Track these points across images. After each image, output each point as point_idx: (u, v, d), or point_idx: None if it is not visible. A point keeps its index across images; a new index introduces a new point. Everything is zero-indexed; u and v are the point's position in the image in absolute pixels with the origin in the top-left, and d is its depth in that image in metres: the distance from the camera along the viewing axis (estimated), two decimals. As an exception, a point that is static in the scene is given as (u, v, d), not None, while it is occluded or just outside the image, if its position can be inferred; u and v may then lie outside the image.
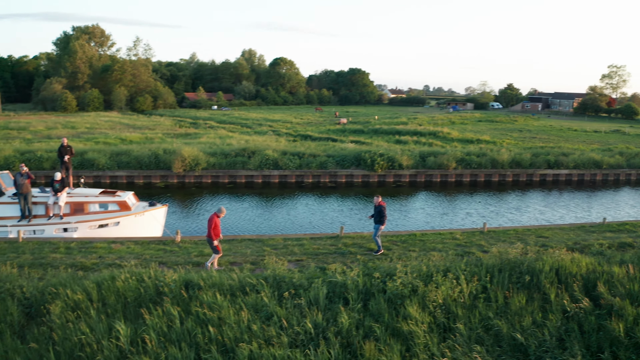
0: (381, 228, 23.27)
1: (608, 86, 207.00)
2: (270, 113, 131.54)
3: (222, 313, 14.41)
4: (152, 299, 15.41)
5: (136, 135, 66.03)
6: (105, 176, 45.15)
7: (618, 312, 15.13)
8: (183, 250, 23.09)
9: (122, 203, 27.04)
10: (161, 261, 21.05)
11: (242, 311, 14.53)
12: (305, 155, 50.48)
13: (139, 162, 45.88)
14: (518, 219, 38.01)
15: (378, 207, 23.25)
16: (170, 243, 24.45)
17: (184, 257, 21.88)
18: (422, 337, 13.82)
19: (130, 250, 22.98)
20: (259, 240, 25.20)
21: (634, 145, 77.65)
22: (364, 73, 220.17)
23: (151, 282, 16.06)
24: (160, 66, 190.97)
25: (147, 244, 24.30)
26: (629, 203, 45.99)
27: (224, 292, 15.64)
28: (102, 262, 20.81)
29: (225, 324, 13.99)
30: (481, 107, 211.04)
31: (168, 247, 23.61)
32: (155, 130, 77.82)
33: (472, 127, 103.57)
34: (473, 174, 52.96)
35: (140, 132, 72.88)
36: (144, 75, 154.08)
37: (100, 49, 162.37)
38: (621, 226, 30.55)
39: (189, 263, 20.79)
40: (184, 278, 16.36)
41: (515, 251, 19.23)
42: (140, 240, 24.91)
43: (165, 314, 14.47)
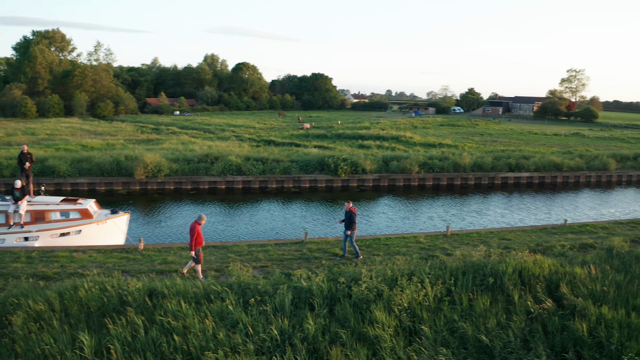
0: (349, 233, 23.29)
1: (567, 90, 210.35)
2: (233, 118, 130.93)
3: (187, 321, 14.26)
4: (116, 309, 15.20)
5: (97, 141, 65.26)
6: (66, 183, 44.48)
7: (581, 313, 15.37)
8: (146, 258, 22.83)
9: (84, 211, 26.66)
10: (124, 270, 20.77)
11: (207, 319, 14.40)
12: (269, 160, 50.39)
13: (101, 168, 45.32)
14: (481, 222, 38.40)
15: (349, 213, 23.30)
16: (133, 251, 24.15)
17: (148, 265, 21.63)
18: (388, 341, 13.86)
19: (92, 259, 22.64)
20: (223, 247, 25.02)
21: (593, 147, 79.00)
22: (326, 78, 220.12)
23: (114, 291, 15.83)
24: (121, 71, 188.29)
25: (109, 252, 23.96)
26: (589, 205, 46.75)
27: (189, 300, 15.48)
28: (64, 271, 20.46)
29: (190, 332, 13.85)
30: (443, 112, 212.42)
31: (131, 255, 23.31)
32: (116, 136, 77.04)
33: (434, 131, 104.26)
34: (436, 177, 53.29)
35: (101, 138, 72.07)
36: (105, 80, 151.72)
37: (60, 54, 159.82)
38: (582, 227, 31.05)
39: (152, 271, 20.52)
40: (148, 286, 16.17)
41: (478, 254, 19.44)
42: (102, 249, 24.56)
43: (129, 324, 14.26)
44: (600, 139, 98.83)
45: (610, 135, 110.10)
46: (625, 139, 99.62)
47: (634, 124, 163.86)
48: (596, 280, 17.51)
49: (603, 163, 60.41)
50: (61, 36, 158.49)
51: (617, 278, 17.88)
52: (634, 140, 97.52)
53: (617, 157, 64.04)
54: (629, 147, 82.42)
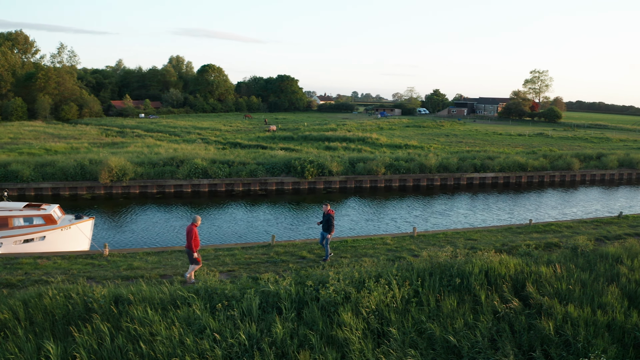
0: (329, 236, 23.33)
1: (531, 91, 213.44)
2: (198, 121, 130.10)
3: (154, 328, 14.11)
4: (81, 316, 14.99)
5: (61, 145, 64.23)
6: (29, 188, 43.74)
7: (547, 311, 15.57)
8: (112, 264, 22.54)
9: (48, 216, 26.28)
10: (89, 276, 20.49)
11: (174, 325, 14.26)
12: (235, 163, 50.12)
13: (65, 173, 44.55)
14: (447, 223, 38.60)
15: (326, 216, 23.33)
16: (99, 257, 23.84)
17: (113, 272, 21.34)
18: (356, 344, 13.86)
19: (57, 265, 22.30)
20: (190, 252, 24.74)
21: (557, 147, 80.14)
22: (292, 80, 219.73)
23: (79, 298, 15.62)
24: (85, 74, 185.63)
25: (74, 258, 23.64)
26: (553, 204, 47.32)
27: (155, 307, 15.32)
28: (28, 278, 20.10)
29: (157, 339, 13.70)
30: (409, 113, 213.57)
31: (96, 262, 23.01)
32: (81, 139, 75.76)
33: (400, 132, 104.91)
34: (402, 178, 53.53)
35: (65, 141, 70.91)
36: (68, 83, 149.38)
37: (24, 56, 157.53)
38: (547, 227, 31.45)
39: (118, 277, 20.26)
40: (114, 293, 15.97)
41: (445, 254, 19.54)
42: (67, 255, 24.21)
43: (95, 331, 14.06)
44: (564, 139, 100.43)
45: (573, 135, 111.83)
46: (588, 139, 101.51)
47: (597, 123, 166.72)
48: (562, 279, 17.73)
49: (567, 163, 61.26)
50: (24, 38, 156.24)
51: (582, 277, 18.14)
52: (597, 140, 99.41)
53: (580, 157, 65.11)
54: (592, 147, 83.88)
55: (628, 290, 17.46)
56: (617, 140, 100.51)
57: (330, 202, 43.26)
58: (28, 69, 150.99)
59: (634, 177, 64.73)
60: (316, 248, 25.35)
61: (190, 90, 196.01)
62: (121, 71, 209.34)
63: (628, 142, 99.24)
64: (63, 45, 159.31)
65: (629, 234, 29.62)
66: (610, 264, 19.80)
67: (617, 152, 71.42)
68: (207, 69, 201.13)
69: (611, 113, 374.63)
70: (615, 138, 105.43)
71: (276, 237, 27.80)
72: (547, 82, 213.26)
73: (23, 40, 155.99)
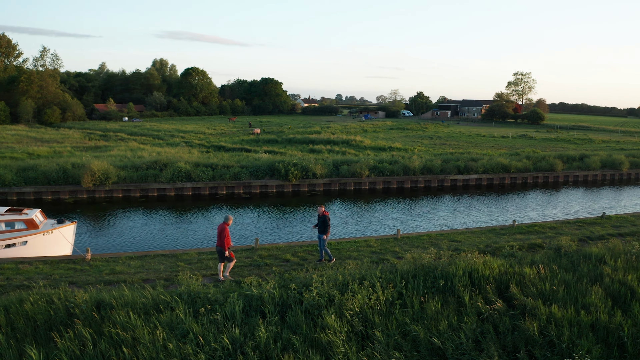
0: (325, 237, 23.38)
1: (514, 93, 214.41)
2: (182, 124, 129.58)
3: (136, 333, 14.01)
4: (63, 321, 14.87)
5: (44, 149, 63.66)
6: (12, 193, 43.28)
7: (531, 312, 15.66)
8: (94, 269, 22.35)
9: (30, 221, 26.08)
10: (71, 281, 20.32)
11: (156, 330, 14.17)
12: (219, 166, 49.94)
13: (47, 177, 44.19)
14: (431, 224, 38.66)
15: (322, 217, 23.40)
16: (81, 262, 23.64)
17: (95, 276, 21.17)
18: (340, 347, 13.83)
19: (39, 270, 22.10)
20: (173, 256, 24.71)
21: (540, 149, 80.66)
22: (276, 83, 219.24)
23: (61, 303, 15.50)
24: (68, 77, 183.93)
25: (56, 263, 23.42)
26: (536, 205, 47.54)
27: (138, 311, 15.24)
28: (9, 284, 19.91)
29: (140, 343, 13.62)
30: (393, 115, 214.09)
31: (78, 266, 22.82)
32: (64, 143, 75.32)
33: (384, 135, 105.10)
34: (386, 181, 53.60)
35: (48, 145, 70.30)
36: (51, 86, 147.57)
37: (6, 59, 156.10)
38: (530, 228, 31.64)
39: (100, 282, 20.11)
40: (96, 298, 15.88)
41: (428, 256, 19.57)
42: (49, 260, 24.00)
43: (77, 337, 13.95)
44: (547, 140, 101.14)
45: (556, 136, 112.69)
46: (571, 140, 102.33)
47: (580, 125, 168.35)
48: (545, 280, 17.83)
49: (550, 164, 61.72)
50: (7, 41, 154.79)
51: (565, 277, 18.24)
52: (579, 141, 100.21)
53: (563, 158, 65.65)
54: (575, 148, 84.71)
55: (612, 290, 17.59)
56: (599, 142, 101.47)
57: (315, 205, 43.35)
58: (10, 72, 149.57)
59: (617, 178, 65.44)
60: (300, 251, 25.32)
61: (174, 94, 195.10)
62: (104, 74, 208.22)
63: (610, 143, 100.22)
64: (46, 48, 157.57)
65: (612, 234, 29.89)
66: (593, 264, 19.97)
67: (599, 153, 72.15)
68: (190, 72, 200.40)
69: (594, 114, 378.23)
70: (598, 139, 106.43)
71: (260, 240, 27.79)
72: (530, 84, 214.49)
73: (5, 43, 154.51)
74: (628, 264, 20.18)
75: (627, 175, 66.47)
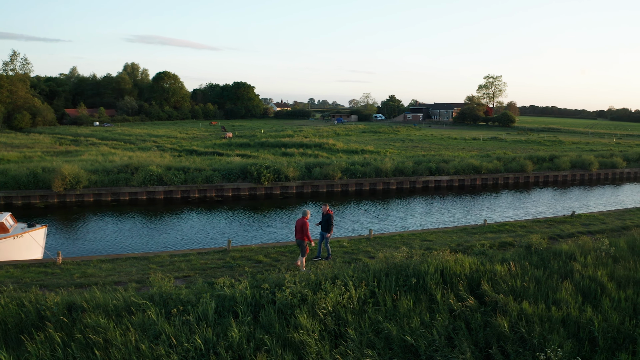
0: (328, 235, 23.98)
1: (485, 96, 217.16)
2: (154, 128, 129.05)
3: (108, 335, 13.88)
4: (34, 324, 14.75)
5: (14, 154, 62.86)
6: (-20, 198, 42.78)
7: (502, 309, 15.80)
8: (65, 272, 22.23)
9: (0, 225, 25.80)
10: (42, 284, 20.18)
11: (129, 332, 14.04)
12: (191, 169, 49.78)
13: (17, 181, 43.68)
14: (403, 225, 38.94)
15: (326, 216, 23.95)
16: (52, 265, 23.47)
17: (67, 279, 21.06)
18: (313, 346, 13.83)
19: (9, 274, 21.92)
20: (144, 258, 24.64)
21: (510, 150, 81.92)
22: (249, 87, 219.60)
23: (32, 306, 15.37)
24: (38, 82, 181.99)
25: (26, 267, 23.26)
26: (507, 205, 48.15)
27: (109, 313, 15.12)
28: (-21, 288, 19.66)
29: (112, 345, 13.51)
30: (365, 119, 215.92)
31: (49, 270, 22.67)
32: (34, 148, 74.34)
33: (357, 138, 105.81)
34: (358, 183, 53.84)
35: (18, 150, 69.58)
36: (21, 91, 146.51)
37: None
38: (501, 227, 32.10)
39: (71, 285, 19.99)
40: (67, 300, 15.73)
41: (400, 255, 19.70)
42: (19, 264, 23.83)
43: (47, 340, 13.80)
44: (518, 142, 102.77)
45: (527, 138, 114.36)
46: (541, 142, 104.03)
47: (550, 127, 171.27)
48: (516, 277, 18.05)
49: (520, 165, 62.58)
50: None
51: (536, 274, 18.48)
52: (549, 143, 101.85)
53: (533, 159, 66.69)
54: (545, 150, 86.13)
55: (582, 286, 17.81)
56: (569, 143, 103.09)
57: (288, 207, 43.41)
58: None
59: (586, 178, 66.54)
60: (272, 252, 25.40)
61: (146, 98, 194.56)
62: (75, 79, 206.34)
63: (580, 144, 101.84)
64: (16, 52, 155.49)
65: (582, 232, 30.43)
66: (563, 261, 20.27)
67: (569, 154, 73.45)
68: (162, 76, 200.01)
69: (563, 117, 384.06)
70: (568, 141, 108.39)
71: (232, 242, 27.78)
72: (500, 87, 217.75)
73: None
74: (598, 260, 20.50)
75: (596, 175, 67.59)
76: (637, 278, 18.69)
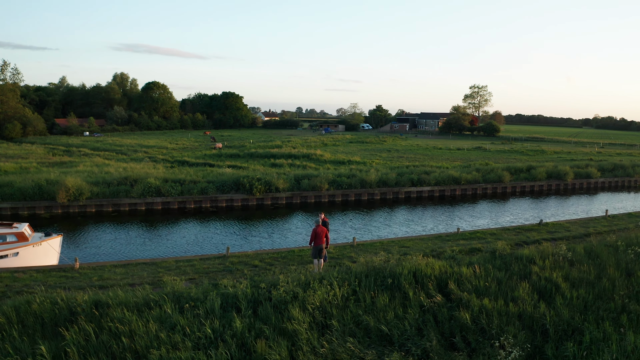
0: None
1: (471, 106, 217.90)
2: (144, 139, 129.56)
3: (132, 326, 16.26)
4: (67, 319, 16.96)
5: (10, 165, 64.12)
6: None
7: (466, 304, 18.38)
8: (83, 276, 24.52)
9: (20, 234, 28.17)
10: (65, 287, 22.26)
11: (149, 323, 16.45)
12: (187, 181, 51.69)
13: (23, 193, 45.54)
14: (386, 233, 41.26)
15: (323, 222, 26.18)
16: (70, 270, 25.75)
17: (86, 282, 23.33)
18: (304, 334, 16.35)
19: (33, 278, 24.17)
20: (153, 263, 27.04)
21: (493, 160, 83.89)
22: (237, 97, 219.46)
23: (64, 303, 17.61)
24: (28, 91, 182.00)
25: (48, 272, 25.50)
26: (481, 214, 50.46)
27: (131, 309, 17.47)
28: (9, 290, 22.02)
29: (136, 334, 15.87)
30: (352, 129, 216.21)
31: (69, 274, 24.96)
32: (28, 159, 75.57)
33: (344, 148, 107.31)
34: (344, 194, 55.87)
35: (13, 161, 70.61)
36: (12, 101, 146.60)
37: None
38: (473, 234, 34.54)
39: (91, 287, 22.11)
40: (93, 298, 18.06)
41: (379, 259, 22.35)
42: (41, 269, 26.04)
43: (81, 330, 16.09)
44: (501, 152, 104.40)
45: (510, 148, 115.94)
46: (524, 152, 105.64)
47: (534, 136, 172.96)
48: (480, 278, 20.52)
49: (498, 176, 64.37)
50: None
51: (498, 275, 20.95)
52: (532, 153, 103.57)
53: (511, 170, 68.59)
54: (527, 159, 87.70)
55: (539, 286, 20.29)
56: (551, 152, 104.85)
57: (278, 218, 45.64)
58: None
59: (562, 188, 68.52)
60: (267, 257, 27.96)
61: (135, 108, 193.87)
62: (64, 88, 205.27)
63: (562, 153, 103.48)
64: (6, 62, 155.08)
65: (546, 238, 32.63)
66: (524, 264, 22.51)
67: (546, 164, 75.24)
68: (151, 86, 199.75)
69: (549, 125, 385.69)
70: (550, 150, 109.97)
71: (230, 249, 30.19)
72: (486, 97, 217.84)
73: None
74: (555, 263, 22.73)
75: (571, 185, 69.58)
76: (590, 279, 21.10)
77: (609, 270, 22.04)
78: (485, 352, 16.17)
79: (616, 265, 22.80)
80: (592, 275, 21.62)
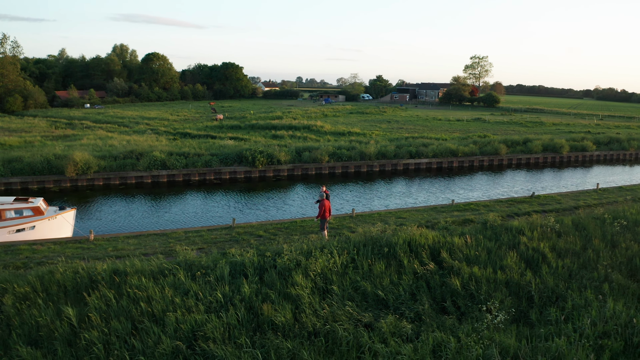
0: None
1: (471, 76, 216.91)
2: (145, 110, 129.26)
3: (149, 292, 17.62)
4: (88, 286, 18.25)
5: (15, 139, 64.37)
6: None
7: (457, 272, 19.80)
8: (99, 247, 25.88)
9: (36, 208, 29.54)
10: (82, 257, 23.62)
11: (164, 289, 17.83)
12: (191, 154, 52.89)
13: (32, 168, 46.50)
14: (384, 204, 42.47)
15: (326, 196, 27.43)
16: (85, 241, 27.07)
17: (102, 252, 24.69)
18: (306, 298, 17.73)
19: (51, 250, 25.52)
20: (164, 234, 28.39)
21: (492, 132, 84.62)
22: (237, 67, 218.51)
23: (85, 272, 18.95)
24: (28, 64, 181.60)
25: (64, 243, 26.84)
26: (477, 186, 51.58)
27: (147, 276, 18.84)
28: (30, 261, 23.38)
29: (153, 299, 17.22)
30: (352, 99, 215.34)
31: (84, 245, 26.29)
32: (32, 132, 75.46)
33: (344, 119, 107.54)
34: (344, 166, 57.06)
35: (17, 135, 70.79)
36: (12, 74, 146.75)
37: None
38: (467, 206, 35.75)
39: (107, 257, 23.44)
40: (112, 267, 19.42)
41: (376, 230, 23.82)
42: (57, 241, 27.36)
43: (102, 296, 17.43)
44: (500, 124, 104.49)
45: (509, 119, 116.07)
46: (523, 123, 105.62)
47: (534, 108, 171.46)
48: (471, 247, 21.95)
49: (495, 148, 65.40)
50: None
51: (488, 245, 22.36)
52: (531, 124, 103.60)
53: (507, 143, 69.48)
54: (525, 131, 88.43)
55: (526, 255, 21.65)
56: (550, 124, 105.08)
57: (280, 189, 46.83)
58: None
59: (557, 160, 69.40)
60: (271, 228, 29.35)
61: (135, 79, 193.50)
62: (64, 61, 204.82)
63: (560, 125, 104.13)
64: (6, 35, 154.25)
65: (537, 210, 33.79)
66: (513, 235, 23.85)
67: (542, 137, 75.94)
68: (151, 57, 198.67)
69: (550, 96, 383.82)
70: (549, 122, 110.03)
71: (236, 220, 31.51)
72: (486, 67, 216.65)
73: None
74: (543, 234, 24.00)
75: (567, 157, 70.33)
76: (575, 250, 22.41)
77: (594, 242, 23.23)
78: (474, 315, 17.37)
79: (602, 237, 24.00)
80: (578, 246, 22.84)
